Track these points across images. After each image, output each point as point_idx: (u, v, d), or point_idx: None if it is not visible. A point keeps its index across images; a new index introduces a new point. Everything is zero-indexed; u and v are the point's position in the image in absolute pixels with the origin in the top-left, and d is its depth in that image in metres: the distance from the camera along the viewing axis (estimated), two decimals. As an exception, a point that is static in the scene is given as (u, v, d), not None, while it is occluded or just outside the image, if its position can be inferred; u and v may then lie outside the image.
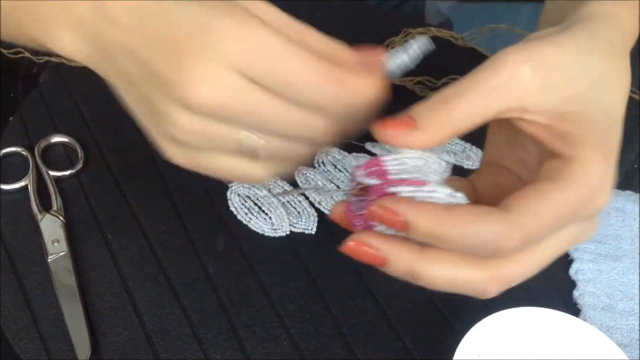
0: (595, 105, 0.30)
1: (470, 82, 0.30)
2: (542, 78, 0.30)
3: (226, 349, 0.43)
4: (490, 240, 0.28)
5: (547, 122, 0.30)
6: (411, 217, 0.29)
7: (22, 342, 0.42)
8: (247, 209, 0.50)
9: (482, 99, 0.30)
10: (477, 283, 0.30)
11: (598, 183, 0.30)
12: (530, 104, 0.30)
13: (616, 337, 0.46)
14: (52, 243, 0.47)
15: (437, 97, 0.30)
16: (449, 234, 0.29)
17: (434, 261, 0.30)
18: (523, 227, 0.29)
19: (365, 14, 0.68)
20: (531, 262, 0.31)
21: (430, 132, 0.30)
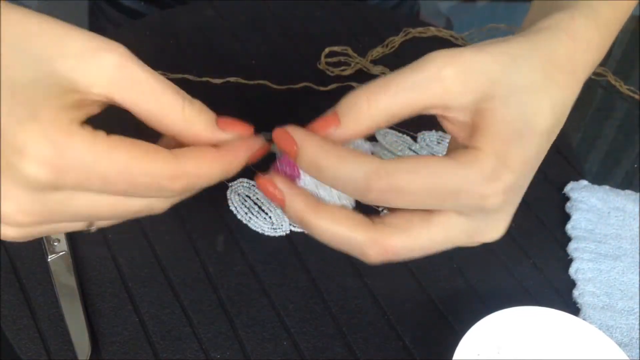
0: (512, 107, 0.31)
1: (393, 79, 0.32)
2: (464, 80, 0.31)
3: (226, 348, 0.43)
4: (358, 179, 0.31)
5: (464, 119, 0.32)
6: (301, 142, 0.32)
7: (22, 341, 0.42)
8: (247, 208, 0.50)
9: (402, 95, 0.31)
10: (357, 243, 0.33)
11: (482, 173, 0.31)
12: (451, 102, 0.31)
13: (616, 337, 0.46)
14: (52, 242, 0.47)
15: (360, 91, 0.32)
16: (326, 163, 0.31)
17: (323, 214, 0.33)
18: (393, 175, 0.30)
19: (365, 14, 0.68)
20: (416, 237, 0.33)
21: (350, 128, 0.32)
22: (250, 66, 0.62)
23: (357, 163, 0.31)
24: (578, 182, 0.54)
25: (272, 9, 0.67)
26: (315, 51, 0.63)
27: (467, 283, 0.48)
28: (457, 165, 0.31)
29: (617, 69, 0.67)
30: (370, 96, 0.32)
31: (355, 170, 0.31)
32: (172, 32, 0.64)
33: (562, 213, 0.53)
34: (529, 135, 0.32)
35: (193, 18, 0.65)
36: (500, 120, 0.31)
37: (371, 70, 0.62)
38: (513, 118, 0.31)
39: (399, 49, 0.64)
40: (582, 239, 0.51)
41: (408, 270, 0.48)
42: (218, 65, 0.61)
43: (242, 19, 0.66)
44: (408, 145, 0.56)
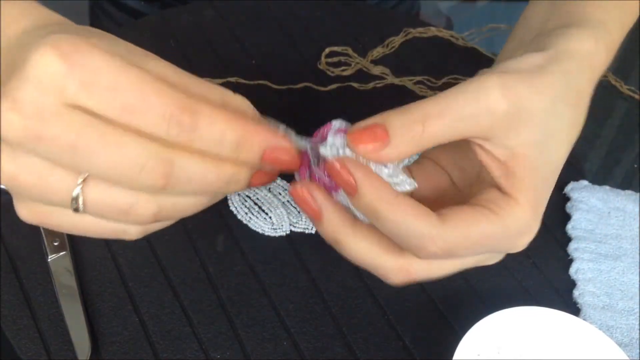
0: (545, 155, 0.32)
1: (447, 105, 0.31)
2: (513, 118, 0.31)
3: (226, 348, 0.43)
4: (419, 239, 0.30)
5: (502, 157, 0.32)
6: (362, 184, 0.30)
7: (22, 341, 0.42)
8: (247, 208, 0.50)
9: (455, 124, 0.31)
10: (386, 268, 0.33)
11: (522, 228, 0.32)
12: (495, 137, 0.31)
13: (616, 337, 0.46)
14: (52, 243, 0.47)
15: (414, 113, 0.31)
16: (387, 216, 0.30)
17: (358, 235, 0.32)
18: (448, 242, 0.31)
19: (365, 14, 0.68)
20: (438, 269, 0.33)
21: (400, 149, 0.31)
22: (250, 66, 0.61)
23: (418, 224, 0.30)
24: (578, 182, 0.54)
25: (272, 9, 0.67)
26: (315, 51, 0.63)
27: (467, 283, 0.48)
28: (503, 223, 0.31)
29: (617, 69, 0.67)
30: (427, 121, 0.31)
31: (414, 231, 0.30)
32: (172, 32, 0.64)
33: (562, 213, 0.53)
34: (552, 180, 0.33)
35: (193, 18, 0.65)
36: (536, 169, 0.32)
37: (371, 71, 0.62)
38: (545, 164, 0.32)
39: (399, 49, 0.64)
40: (582, 239, 0.51)
41: (408, 270, 0.48)
42: (218, 65, 0.61)
43: (242, 19, 0.66)
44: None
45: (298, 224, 0.50)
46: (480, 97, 0.30)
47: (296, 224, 0.50)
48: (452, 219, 0.31)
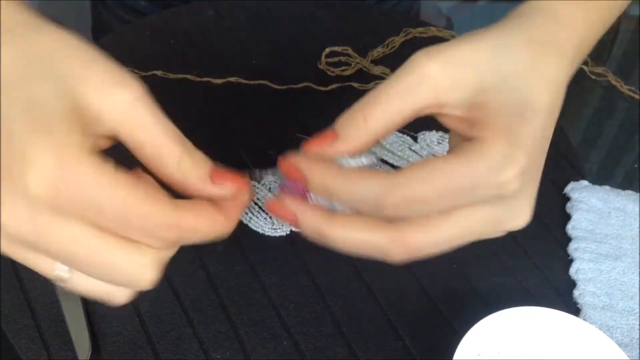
0: (507, 94, 0.32)
1: (382, 89, 0.33)
2: (451, 75, 0.32)
3: (226, 348, 0.43)
4: (371, 198, 0.31)
5: (461, 114, 0.32)
6: (307, 171, 0.32)
7: (23, 341, 0.42)
8: (248, 208, 0.50)
9: (394, 103, 0.32)
10: (378, 244, 0.32)
11: (496, 161, 0.31)
12: (444, 99, 0.32)
13: (616, 337, 0.46)
14: (52, 243, 0.46)
15: (355, 106, 0.33)
16: (336, 188, 0.32)
17: (338, 222, 0.33)
18: (404, 188, 0.31)
19: (365, 14, 0.68)
20: (437, 231, 0.32)
21: (350, 141, 0.33)
22: (250, 66, 0.62)
23: (367, 183, 0.31)
24: (578, 182, 0.54)
25: (272, 9, 0.67)
26: (316, 51, 0.63)
27: (467, 283, 0.48)
28: (467, 160, 0.31)
29: (618, 69, 0.67)
30: (365, 111, 0.33)
31: (366, 191, 0.31)
32: (172, 32, 0.64)
33: (562, 213, 0.53)
34: (531, 115, 0.32)
35: (193, 18, 0.65)
36: (499, 108, 0.32)
37: (371, 71, 0.62)
38: (511, 103, 0.32)
39: (399, 49, 0.64)
40: (582, 239, 0.51)
41: (408, 270, 0.48)
42: (218, 65, 0.61)
43: (242, 19, 0.66)
44: (408, 145, 0.56)
45: (298, 224, 0.50)
46: (410, 70, 0.32)
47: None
48: (405, 170, 0.31)
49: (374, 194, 0.31)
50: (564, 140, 0.59)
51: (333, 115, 0.35)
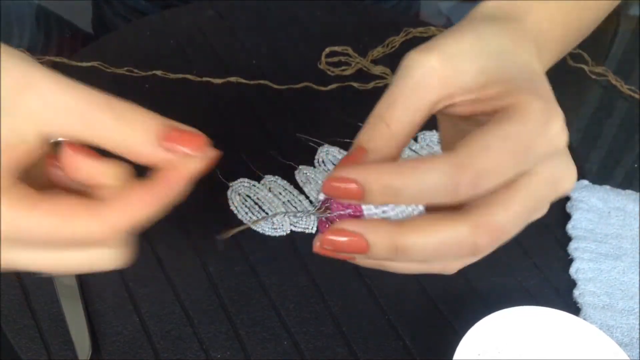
0: (509, 66, 0.32)
1: (393, 92, 0.32)
2: (451, 63, 0.32)
3: (227, 348, 0.43)
4: (443, 181, 0.28)
5: (474, 97, 0.32)
6: (363, 178, 0.29)
7: (23, 341, 0.42)
8: (248, 208, 0.50)
9: (410, 101, 0.32)
10: (463, 238, 0.30)
11: (541, 115, 0.30)
12: (452, 87, 0.32)
13: (616, 336, 0.46)
14: (52, 243, 0.46)
15: (371, 118, 0.32)
16: (403, 183, 0.29)
17: (414, 229, 0.30)
18: (472, 161, 0.29)
19: (365, 14, 0.68)
20: (514, 206, 0.30)
21: (380, 150, 0.31)
22: (250, 66, 0.61)
23: (434, 167, 0.29)
24: (578, 182, 0.54)
25: (272, 9, 0.67)
26: (316, 51, 0.63)
27: (467, 283, 0.48)
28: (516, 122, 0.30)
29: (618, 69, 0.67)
30: (385, 116, 0.32)
31: (437, 175, 0.29)
32: (172, 32, 0.64)
33: (562, 213, 0.53)
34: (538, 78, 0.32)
35: (193, 18, 0.65)
36: (511, 77, 0.32)
37: (371, 70, 0.62)
38: (517, 72, 0.32)
39: (399, 48, 0.64)
40: (582, 239, 0.51)
41: (408, 270, 0.48)
42: (218, 65, 0.61)
43: (242, 19, 0.66)
44: (408, 145, 0.56)
45: (298, 224, 0.50)
46: (410, 69, 0.32)
47: (297, 224, 0.50)
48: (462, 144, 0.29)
49: (446, 175, 0.28)
50: (564, 140, 0.59)
51: (333, 115, 0.35)
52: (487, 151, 0.29)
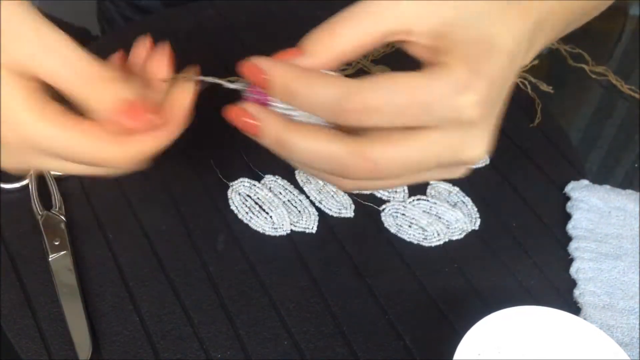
0: (473, 31, 0.32)
1: (353, 8, 0.33)
2: (420, 3, 0.32)
3: (227, 348, 0.43)
4: (332, 99, 0.31)
5: (427, 42, 0.33)
6: (269, 70, 0.32)
7: (23, 341, 0.42)
8: (248, 208, 0.50)
9: (364, 22, 0.33)
10: (337, 157, 0.32)
11: (455, 83, 0.31)
12: (412, 26, 0.33)
13: (617, 336, 0.46)
14: (52, 242, 0.47)
15: (324, 24, 0.34)
16: (297, 89, 0.32)
17: (300, 132, 0.32)
18: (365, 95, 0.30)
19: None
20: (397, 149, 0.32)
21: (317, 56, 0.33)
22: (251, 66, 0.61)
23: (329, 85, 0.31)
24: (579, 182, 0.54)
25: (272, 9, 0.67)
26: (316, 51, 0.63)
27: (467, 283, 0.48)
28: (428, 78, 0.31)
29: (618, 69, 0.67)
30: (333, 28, 0.33)
31: (328, 92, 0.31)
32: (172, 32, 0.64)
33: (562, 213, 0.53)
34: (493, 52, 0.32)
35: (193, 18, 0.65)
36: (463, 39, 0.32)
37: (371, 70, 0.62)
38: (475, 37, 0.32)
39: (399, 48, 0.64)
40: (582, 239, 0.51)
41: (408, 269, 0.48)
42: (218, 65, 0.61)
43: (242, 19, 0.66)
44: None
45: (299, 224, 0.50)
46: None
47: (297, 223, 0.50)
48: (369, 78, 0.31)
49: (335, 97, 0.31)
50: (564, 140, 0.59)
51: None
52: (382, 91, 0.31)
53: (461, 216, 0.51)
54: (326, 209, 0.51)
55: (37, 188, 0.50)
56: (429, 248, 0.50)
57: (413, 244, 0.50)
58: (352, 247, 0.49)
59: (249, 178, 0.52)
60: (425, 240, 0.50)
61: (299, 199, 0.51)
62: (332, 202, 0.51)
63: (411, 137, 0.32)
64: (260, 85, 0.33)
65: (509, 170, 0.56)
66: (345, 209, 0.51)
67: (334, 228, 0.50)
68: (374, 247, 0.49)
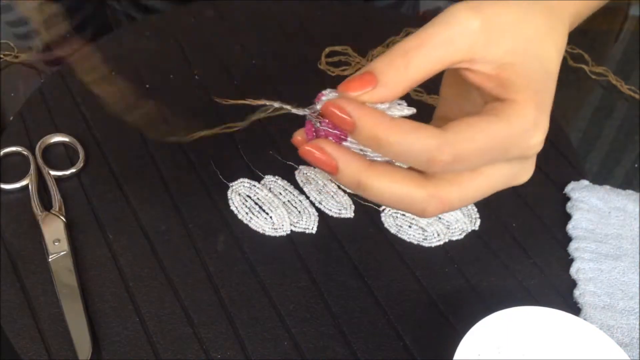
0: (532, 59, 0.34)
1: (424, 36, 0.33)
2: (488, 33, 0.33)
3: (227, 348, 0.43)
4: (425, 151, 0.31)
5: (491, 71, 0.33)
6: (358, 118, 0.32)
7: (23, 341, 0.42)
8: (248, 208, 0.50)
9: (436, 51, 0.33)
10: (417, 200, 0.33)
11: (529, 125, 0.33)
12: (478, 55, 0.33)
13: (617, 336, 0.46)
14: (52, 242, 0.47)
15: (395, 50, 0.33)
16: (388, 139, 0.31)
17: (379, 174, 0.33)
18: (455, 146, 0.32)
19: (365, 14, 0.68)
20: (468, 188, 0.34)
21: (390, 87, 0.33)
22: (250, 66, 0.62)
23: (421, 138, 0.31)
24: (579, 182, 0.54)
25: (272, 9, 0.67)
26: (316, 51, 0.63)
27: (468, 283, 0.48)
28: (506, 122, 0.32)
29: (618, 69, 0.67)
30: (408, 57, 0.32)
31: (419, 146, 0.31)
32: (172, 32, 0.64)
33: (562, 213, 0.53)
34: (550, 81, 0.34)
35: (193, 18, 0.65)
36: (528, 72, 0.33)
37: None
38: (536, 68, 0.33)
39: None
40: (582, 239, 0.51)
41: (408, 270, 0.48)
42: (218, 65, 0.61)
43: (242, 19, 0.66)
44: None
45: (299, 224, 0.50)
46: (452, 22, 0.33)
47: (297, 224, 0.50)
48: (454, 127, 0.32)
49: (428, 150, 0.31)
50: (564, 140, 0.59)
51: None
52: (469, 142, 0.32)
53: (461, 216, 0.51)
54: (326, 209, 0.51)
55: (37, 188, 0.50)
56: (429, 248, 0.50)
57: (413, 245, 0.50)
58: (352, 248, 0.49)
59: (249, 178, 0.52)
60: (425, 241, 0.50)
61: (299, 199, 0.51)
62: (332, 202, 0.51)
63: (482, 175, 0.34)
64: (345, 129, 0.32)
65: (509, 170, 0.56)
66: (345, 209, 0.51)
67: (334, 228, 0.50)
68: (374, 248, 0.49)
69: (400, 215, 0.51)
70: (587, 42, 0.71)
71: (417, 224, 0.51)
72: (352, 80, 0.33)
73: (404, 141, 0.31)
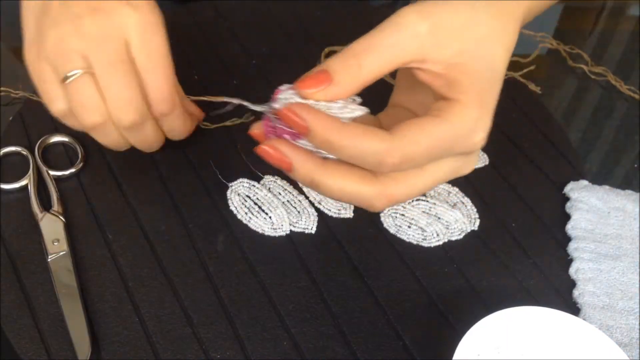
0: (480, 59, 0.35)
1: (375, 39, 0.35)
2: (436, 35, 0.35)
3: (226, 348, 0.43)
4: (374, 154, 0.34)
5: (440, 71, 0.35)
6: (312, 123, 0.34)
7: (22, 341, 0.42)
8: (247, 208, 0.50)
9: (387, 53, 0.35)
10: (366, 197, 0.36)
11: (472, 124, 0.35)
12: (428, 56, 0.35)
13: (616, 336, 0.46)
14: (52, 242, 0.47)
15: (347, 52, 0.35)
16: (340, 143, 0.34)
17: (331, 172, 0.35)
18: (402, 149, 0.34)
19: (365, 14, 0.68)
20: (414, 185, 0.37)
21: (344, 86, 0.35)
22: (250, 66, 0.62)
23: (370, 142, 0.34)
24: (578, 182, 0.54)
25: (272, 9, 0.67)
26: (316, 51, 0.63)
27: (467, 283, 0.48)
28: (451, 123, 0.35)
29: (617, 69, 0.67)
30: (360, 58, 0.35)
31: (369, 150, 0.34)
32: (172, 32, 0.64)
33: (562, 213, 0.53)
34: (495, 80, 0.36)
35: (193, 18, 0.65)
36: (473, 72, 0.35)
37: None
38: (483, 68, 0.35)
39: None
40: (582, 239, 0.51)
41: (408, 270, 0.49)
42: (218, 66, 0.61)
43: (242, 19, 0.66)
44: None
45: (298, 224, 0.50)
46: (401, 26, 0.35)
47: (296, 224, 0.50)
48: (400, 130, 0.34)
49: (377, 153, 0.34)
50: (564, 140, 0.59)
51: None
52: (416, 145, 0.34)
53: (460, 216, 0.51)
54: (325, 209, 0.51)
55: (36, 188, 0.50)
56: (429, 248, 0.50)
57: (412, 245, 0.50)
58: (352, 248, 0.49)
59: (248, 178, 0.52)
60: (424, 241, 0.50)
61: (298, 199, 0.51)
62: (332, 202, 0.51)
63: (427, 171, 0.37)
64: (299, 132, 0.34)
65: (508, 170, 0.56)
66: (345, 209, 0.51)
67: (333, 229, 0.50)
68: (374, 248, 0.49)
69: (400, 215, 0.51)
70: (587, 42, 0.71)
71: (417, 224, 0.51)
72: (308, 78, 0.35)
73: (354, 145, 0.34)
